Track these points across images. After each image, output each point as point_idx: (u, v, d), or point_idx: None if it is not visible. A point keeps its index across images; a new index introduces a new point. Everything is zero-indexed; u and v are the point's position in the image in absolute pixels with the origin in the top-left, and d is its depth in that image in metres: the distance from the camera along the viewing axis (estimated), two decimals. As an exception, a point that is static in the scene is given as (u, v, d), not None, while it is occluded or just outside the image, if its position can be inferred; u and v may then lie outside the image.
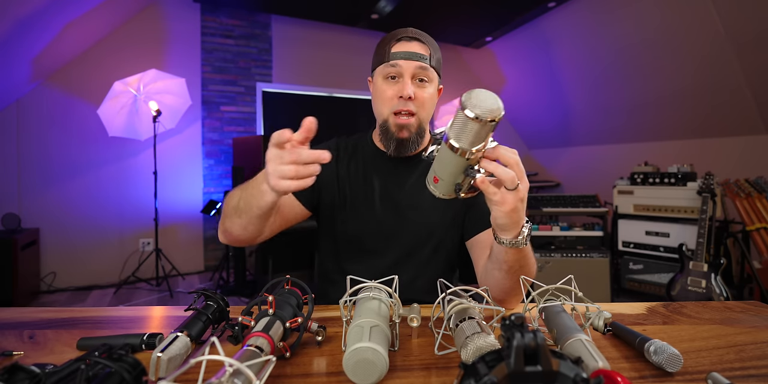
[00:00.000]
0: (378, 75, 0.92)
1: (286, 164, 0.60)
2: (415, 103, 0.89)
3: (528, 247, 0.74)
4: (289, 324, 0.58)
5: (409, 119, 0.90)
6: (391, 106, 0.90)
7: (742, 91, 3.04)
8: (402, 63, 0.88)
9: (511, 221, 0.67)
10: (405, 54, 0.88)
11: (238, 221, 0.78)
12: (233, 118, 4.01)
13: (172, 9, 3.70)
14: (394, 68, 0.89)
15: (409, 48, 0.89)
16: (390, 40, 0.91)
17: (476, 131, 0.57)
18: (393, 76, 0.90)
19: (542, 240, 2.89)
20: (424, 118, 0.92)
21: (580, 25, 3.69)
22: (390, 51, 0.89)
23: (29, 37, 2.59)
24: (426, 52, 0.90)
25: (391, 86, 0.90)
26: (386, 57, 0.89)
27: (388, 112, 0.91)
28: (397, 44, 0.90)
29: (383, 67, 0.90)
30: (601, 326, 0.64)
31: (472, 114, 0.55)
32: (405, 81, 0.88)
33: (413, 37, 0.91)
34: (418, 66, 0.88)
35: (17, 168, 3.21)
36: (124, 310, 0.83)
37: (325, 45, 4.33)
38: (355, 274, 0.72)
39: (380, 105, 0.92)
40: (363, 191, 0.98)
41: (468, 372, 0.37)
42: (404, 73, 0.88)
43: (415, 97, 0.88)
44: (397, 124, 0.90)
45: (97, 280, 3.43)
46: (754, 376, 0.55)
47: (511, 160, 0.61)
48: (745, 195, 2.55)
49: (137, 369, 0.43)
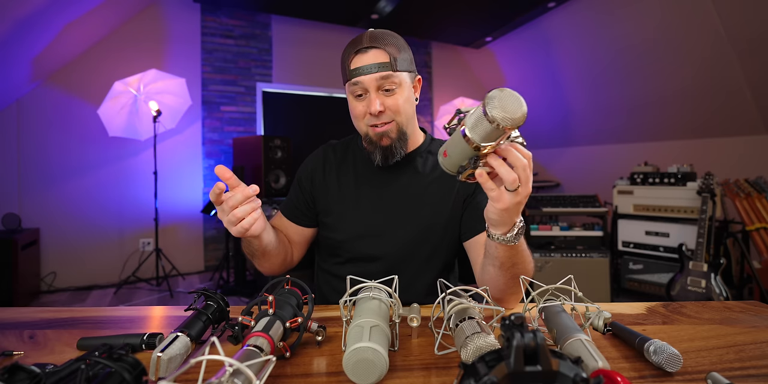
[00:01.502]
0: (347, 91, 0.92)
1: (227, 214, 0.70)
2: (388, 113, 0.88)
3: (520, 246, 0.73)
4: (289, 324, 0.58)
5: (385, 127, 0.90)
6: (365, 121, 0.90)
7: (742, 91, 3.04)
8: (362, 79, 0.86)
9: (502, 219, 0.67)
10: (363, 69, 0.85)
11: (257, 262, 0.92)
12: (233, 118, 4.01)
13: (172, 9, 3.70)
14: (357, 86, 0.87)
15: (365, 61, 0.86)
16: (348, 56, 0.88)
17: (489, 131, 0.56)
18: (359, 94, 0.89)
19: (542, 240, 2.89)
20: (403, 121, 0.91)
21: (580, 26, 3.70)
22: (349, 68, 0.87)
23: (29, 38, 2.59)
24: (385, 57, 0.86)
25: (360, 103, 0.90)
26: (347, 74, 0.88)
27: (365, 127, 0.92)
28: (355, 58, 0.87)
29: (348, 85, 0.89)
30: (601, 326, 0.64)
31: (489, 115, 0.54)
32: (372, 97, 0.87)
33: (369, 47, 0.86)
34: (379, 77, 0.85)
35: (17, 168, 3.21)
36: (124, 310, 0.84)
37: (325, 45, 4.33)
38: (353, 274, 0.72)
39: (356, 122, 0.94)
40: (356, 194, 0.98)
41: (468, 372, 0.37)
42: (368, 87, 0.86)
43: (386, 107, 0.88)
44: (377, 134, 0.90)
45: (97, 280, 3.43)
46: (753, 376, 0.55)
47: (519, 163, 0.60)
48: (744, 195, 2.55)
49: (137, 369, 0.43)
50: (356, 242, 0.96)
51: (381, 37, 0.88)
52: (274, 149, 3.35)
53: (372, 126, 0.90)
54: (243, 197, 0.68)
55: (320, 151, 1.05)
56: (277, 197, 3.36)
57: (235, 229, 0.70)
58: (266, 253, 0.87)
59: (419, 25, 4.17)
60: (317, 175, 1.01)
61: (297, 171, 1.06)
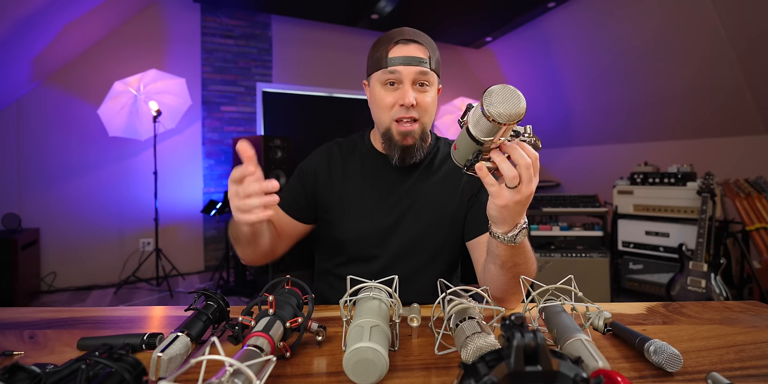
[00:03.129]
0: (375, 81, 0.89)
1: (241, 199, 0.64)
2: (418, 110, 0.86)
3: (522, 247, 0.73)
4: (289, 324, 0.58)
5: (412, 126, 0.87)
6: (392, 113, 0.87)
7: (742, 91, 3.04)
8: (401, 69, 0.84)
9: (502, 216, 0.67)
10: (404, 59, 0.84)
11: (240, 248, 0.86)
12: (233, 118, 4.01)
13: (172, 9, 3.70)
14: (393, 75, 0.85)
15: (407, 52, 0.84)
16: (387, 43, 0.86)
17: (488, 127, 0.57)
18: (392, 83, 0.86)
19: (542, 240, 2.89)
20: (427, 123, 0.90)
21: (580, 26, 3.70)
22: (387, 56, 0.85)
23: (29, 38, 2.59)
24: (425, 54, 0.86)
25: (390, 93, 0.87)
26: (384, 62, 0.85)
27: (389, 120, 0.88)
28: (395, 48, 0.85)
29: (381, 73, 0.86)
30: (601, 326, 0.64)
31: (487, 111, 0.55)
32: (405, 88, 0.85)
33: (411, 40, 0.86)
34: (419, 71, 0.84)
35: (17, 168, 3.21)
36: (124, 310, 0.84)
37: (325, 45, 4.33)
38: (355, 274, 0.72)
39: (380, 113, 0.89)
40: (361, 193, 0.97)
41: (468, 372, 0.37)
42: (404, 79, 0.84)
43: (417, 103, 0.85)
44: (401, 132, 0.88)
45: (97, 280, 3.43)
46: (754, 376, 0.55)
47: (522, 162, 0.60)
48: (744, 195, 2.55)
49: (137, 369, 0.43)
50: (359, 241, 0.96)
51: (421, 34, 0.89)
52: (274, 149, 3.36)
53: (397, 121, 0.87)
54: (260, 190, 0.63)
55: (326, 149, 1.03)
56: (277, 197, 3.36)
57: (242, 216, 0.65)
58: (253, 243, 0.82)
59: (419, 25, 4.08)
60: (322, 172, 0.99)
61: (300, 165, 1.03)
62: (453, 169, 0.98)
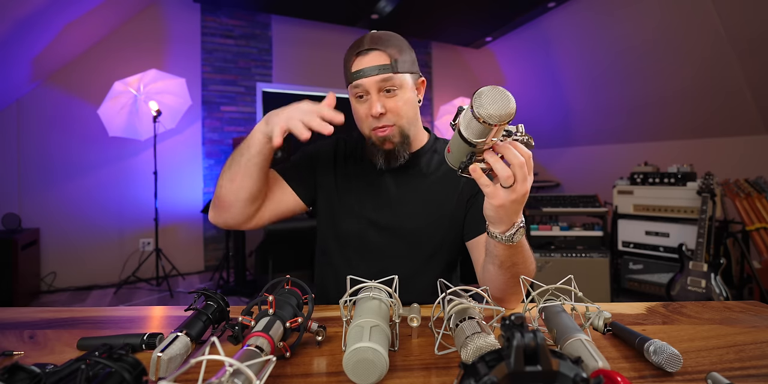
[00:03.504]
0: (350, 95, 0.92)
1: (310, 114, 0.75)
2: (389, 116, 0.88)
3: (520, 247, 0.73)
4: (289, 324, 0.58)
5: (386, 130, 0.89)
6: (368, 123, 0.90)
7: (742, 91, 3.04)
8: (363, 81, 0.86)
9: (499, 216, 0.67)
10: (363, 72, 0.85)
11: (227, 177, 0.84)
12: (233, 118, 4.01)
13: (172, 9, 3.70)
14: (358, 88, 0.87)
15: (366, 63, 0.86)
16: (349, 57, 0.89)
17: (480, 129, 0.57)
18: (360, 95, 0.89)
19: (542, 240, 2.89)
20: (405, 125, 0.91)
21: (580, 26, 3.70)
22: (350, 71, 0.87)
23: (29, 37, 2.59)
24: (386, 59, 0.86)
25: (362, 105, 0.89)
26: (349, 77, 0.88)
27: (367, 130, 0.91)
28: (356, 60, 0.87)
29: (350, 88, 0.90)
30: (601, 326, 0.64)
31: (476, 113, 0.55)
32: (373, 99, 0.86)
33: (370, 49, 0.86)
34: (380, 79, 0.85)
35: (17, 168, 3.21)
36: (124, 310, 0.84)
37: (325, 45, 4.33)
38: (355, 274, 0.72)
39: (359, 124, 0.93)
40: (360, 191, 0.98)
41: (468, 372, 0.37)
42: (369, 89, 0.86)
43: (387, 110, 0.87)
44: (379, 138, 0.90)
45: (97, 280, 3.43)
46: (754, 376, 0.55)
47: (515, 161, 0.60)
48: (744, 195, 2.55)
49: (137, 369, 0.43)
50: (358, 240, 0.96)
51: (382, 38, 0.88)
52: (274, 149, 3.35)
53: (374, 129, 0.90)
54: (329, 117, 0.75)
55: (333, 140, 1.05)
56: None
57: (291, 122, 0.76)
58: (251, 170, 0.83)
59: (419, 25, 4.16)
60: (325, 158, 1.01)
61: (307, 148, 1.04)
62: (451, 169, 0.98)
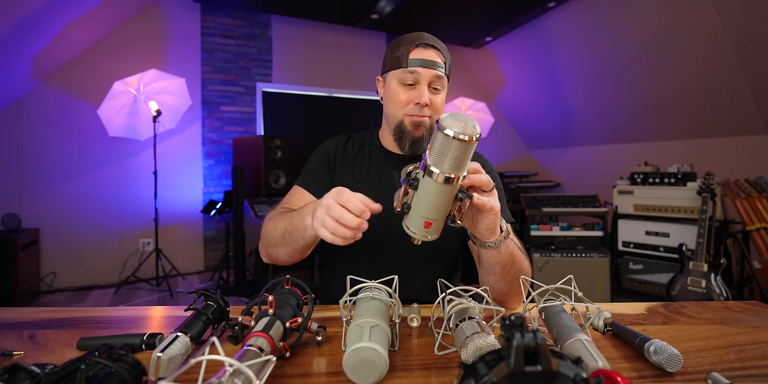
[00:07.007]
0: (393, 78, 0.93)
1: (329, 217, 0.64)
2: (430, 109, 0.92)
3: (511, 241, 0.77)
4: (289, 324, 0.58)
5: (423, 118, 0.92)
6: (406, 109, 0.92)
7: (743, 91, 3.04)
8: (421, 70, 0.89)
9: (495, 223, 0.70)
10: (424, 62, 0.89)
11: (284, 250, 0.84)
12: (233, 118, 4.01)
13: (172, 9, 3.70)
14: (412, 75, 0.90)
15: (426, 56, 0.90)
16: (408, 45, 0.92)
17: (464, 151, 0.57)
18: (410, 83, 0.91)
19: (542, 240, 2.89)
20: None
21: (580, 26, 3.69)
22: (408, 57, 0.90)
23: (29, 37, 2.59)
24: (441, 59, 0.92)
25: (406, 91, 0.92)
26: (404, 62, 0.90)
27: (402, 115, 0.93)
28: (415, 50, 0.91)
29: (401, 72, 0.91)
30: (601, 326, 0.64)
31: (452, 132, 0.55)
32: (422, 88, 0.90)
33: (430, 45, 0.92)
34: (435, 74, 0.90)
35: (17, 168, 3.21)
36: (124, 310, 0.84)
37: (325, 45, 4.33)
38: (356, 273, 0.72)
39: (394, 108, 0.94)
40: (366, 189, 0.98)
41: (468, 372, 0.37)
42: (422, 80, 0.90)
43: (431, 103, 0.91)
44: (413, 122, 0.92)
45: (97, 280, 3.42)
46: (754, 376, 0.55)
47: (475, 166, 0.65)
48: (745, 195, 2.55)
49: (137, 369, 0.43)
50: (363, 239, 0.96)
51: (438, 41, 0.94)
52: (274, 149, 3.35)
53: (411, 115, 0.92)
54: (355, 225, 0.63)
55: (342, 137, 1.06)
56: (277, 197, 3.36)
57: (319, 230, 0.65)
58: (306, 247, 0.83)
59: (419, 25, 4.14)
60: (338, 155, 1.02)
61: (318, 147, 1.06)
62: None
